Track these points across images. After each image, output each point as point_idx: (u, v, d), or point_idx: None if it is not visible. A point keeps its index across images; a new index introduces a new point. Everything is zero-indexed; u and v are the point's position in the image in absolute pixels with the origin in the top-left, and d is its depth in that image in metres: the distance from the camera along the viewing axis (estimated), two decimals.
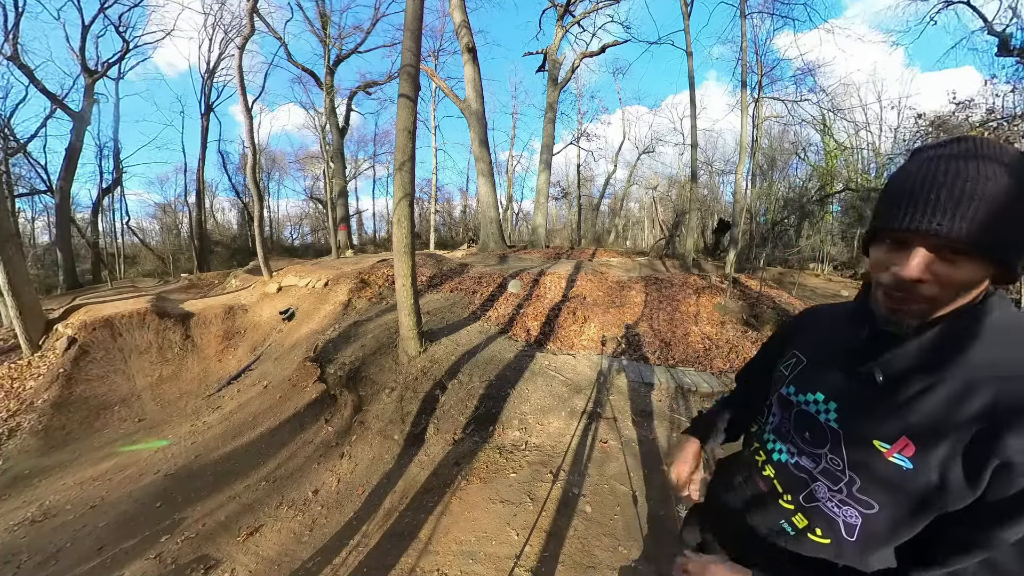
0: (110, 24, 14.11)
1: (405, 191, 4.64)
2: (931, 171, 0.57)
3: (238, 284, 9.81)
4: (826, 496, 0.69)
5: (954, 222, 0.53)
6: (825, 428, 0.71)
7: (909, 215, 0.56)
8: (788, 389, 0.81)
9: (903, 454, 0.60)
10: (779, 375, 0.87)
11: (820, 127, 13.99)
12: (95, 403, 5.43)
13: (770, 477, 0.79)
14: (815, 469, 0.71)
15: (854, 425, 0.67)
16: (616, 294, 6.83)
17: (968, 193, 0.53)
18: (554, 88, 12.70)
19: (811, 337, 0.85)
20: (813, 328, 0.88)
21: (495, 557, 2.36)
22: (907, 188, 0.58)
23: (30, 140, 13.78)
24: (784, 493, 0.76)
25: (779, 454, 0.79)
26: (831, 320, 0.85)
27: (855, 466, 0.65)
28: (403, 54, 4.62)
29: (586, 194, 25.75)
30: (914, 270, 0.56)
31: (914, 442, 0.59)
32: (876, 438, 0.63)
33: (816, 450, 0.72)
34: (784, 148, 16.74)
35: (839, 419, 0.69)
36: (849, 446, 0.66)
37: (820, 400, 0.73)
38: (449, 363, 4.59)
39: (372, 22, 16.65)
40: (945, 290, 0.57)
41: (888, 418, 0.62)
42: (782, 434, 0.80)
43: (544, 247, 12.05)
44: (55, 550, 2.89)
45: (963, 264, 0.55)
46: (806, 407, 0.75)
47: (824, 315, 0.89)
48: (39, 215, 19.21)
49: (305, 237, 28.61)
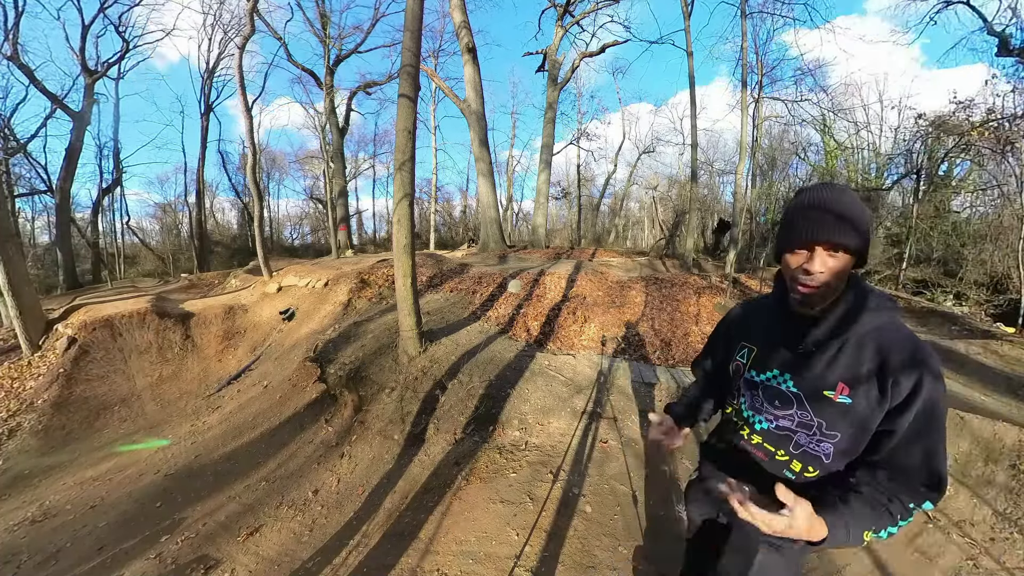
0: (110, 24, 14.10)
1: (405, 191, 4.64)
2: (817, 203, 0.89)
3: (238, 284, 9.81)
4: (807, 441, 0.98)
5: (837, 233, 0.86)
6: (788, 394, 1.00)
7: (811, 230, 0.88)
8: (751, 373, 1.09)
9: (843, 395, 0.91)
10: (738, 365, 1.14)
11: (820, 127, 13.99)
12: (95, 403, 5.43)
13: (760, 443, 1.06)
14: (793, 424, 0.99)
15: (807, 386, 0.96)
16: (616, 294, 6.83)
17: (841, 214, 0.86)
18: (554, 88, 12.69)
19: (752, 328, 1.14)
20: (751, 321, 1.17)
21: (495, 557, 2.35)
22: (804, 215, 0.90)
23: (30, 140, 13.76)
24: (777, 450, 1.03)
25: (760, 423, 1.06)
26: (762, 312, 1.15)
27: (819, 412, 0.95)
28: (403, 54, 4.62)
29: (586, 194, 25.74)
30: (818, 264, 0.88)
31: (847, 384, 0.91)
32: (824, 389, 0.93)
33: (788, 411, 1.00)
34: (784, 148, 16.72)
35: (795, 384, 0.98)
36: (809, 401, 0.96)
37: (777, 374, 1.02)
38: (449, 363, 4.59)
39: (372, 22, 16.65)
40: (833, 277, 0.89)
41: (826, 374, 0.93)
42: (757, 408, 1.07)
43: (544, 247, 12.05)
44: (55, 550, 2.89)
45: (841, 258, 0.88)
46: (769, 382, 1.04)
47: (753, 309, 1.21)
48: (39, 215, 19.19)
49: (305, 237, 28.59)
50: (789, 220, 0.92)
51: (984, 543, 2.35)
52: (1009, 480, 2.67)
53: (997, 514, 2.51)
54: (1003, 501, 2.57)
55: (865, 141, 15.22)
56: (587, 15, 13.53)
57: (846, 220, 0.86)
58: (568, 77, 13.24)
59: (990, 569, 2.20)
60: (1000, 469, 2.76)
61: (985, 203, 11.43)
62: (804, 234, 0.88)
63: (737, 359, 1.14)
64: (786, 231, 0.93)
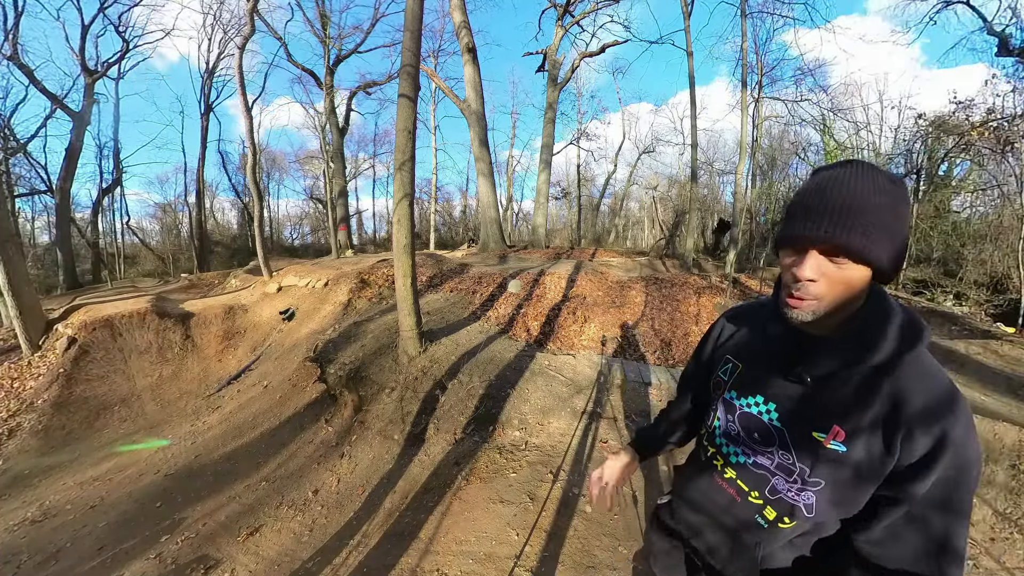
0: (110, 24, 14.11)
1: (405, 191, 4.64)
2: (821, 188, 0.66)
3: (238, 284, 9.81)
4: (785, 488, 0.78)
5: (838, 230, 0.63)
6: (770, 428, 0.79)
7: (803, 224, 0.66)
8: (730, 394, 0.88)
9: (837, 440, 0.71)
10: (718, 381, 0.93)
11: (820, 127, 13.99)
12: (95, 403, 5.43)
13: (733, 479, 0.86)
14: (771, 464, 0.79)
15: (794, 423, 0.76)
16: (616, 294, 6.83)
17: (849, 206, 0.63)
18: (554, 88, 12.69)
19: (741, 341, 0.93)
20: (741, 332, 0.95)
21: (495, 557, 2.35)
22: (803, 202, 0.68)
23: (30, 140, 13.78)
24: (751, 491, 0.83)
25: (736, 456, 0.86)
26: (756, 322, 0.92)
27: (803, 458, 0.75)
28: (403, 54, 4.62)
29: (586, 194, 25.74)
30: (807, 270, 0.66)
31: (843, 428, 0.70)
32: (814, 431, 0.73)
33: (767, 448, 0.80)
34: (784, 148, 16.74)
35: (780, 418, 0.78)
36: (794, 442, 0.76)
37: (760, 402, 0.82)
38: (449, 363, 4.59)
39: (372, 22, 16.66)
40: (832, 288, 0.66)
41: (820, 412, 0.73)
42: (732, 437, 0.87)
43: (544, 247, 12.04)
44: (55, 550, 2.89)
45: (847, 266, 0.65)
46: (748, 409, 0.83)
47: (747, 317, 0.97)
48: (39, 215, 19.17)
49: (305, 237, 28.59)
50: (789, 207, 0.71)
51: (984, 543, 2.35)
52: (1009, 480, 2.67)
53: (997, 514, 2.51)
54: (1003, 501, 2.58)
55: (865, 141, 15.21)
56: (587, 15, 13.53)
57: (857, 214, 0.62)
58: (568, 77, 13.24)
59: (990, 569, 2.20)
60: (1000, 469, 2.76)
61: (985, 203, 11.44)
62: (797, 227, 0.67)
63: (719, 374, 0.93)
64: (783, 221, 0.72)
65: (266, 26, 14.72)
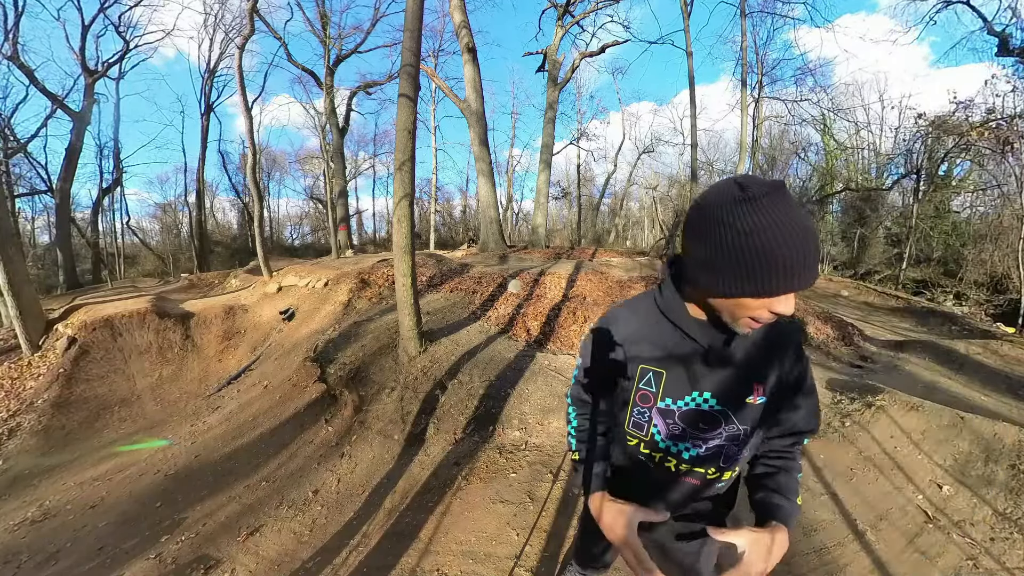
0: (110, 24, 14.12)
1: (405, 191, 4.64)
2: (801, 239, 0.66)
3: (238, 284, 9.81)
4: (734, 451, 0.95)
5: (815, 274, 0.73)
6: (713, 413, 0.92)
7: (799, 280, 0.68)
8: (665, 401, 0.93)
9: (760, 395, 0.91)
10: (645, 394, 0.95)
11: (820, 127, 13.99)
12: (95, 403, 5.43)
13: (691, 469, 0.97)
14: (722, 440, 0.94)
15: (731, 400, 0.91)
16: (617, 294, 6.82)
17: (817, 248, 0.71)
18: (554, 88, 12.69)
19: (652, 348, 0.94)
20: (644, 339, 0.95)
21: (495, 557, 2.35)
22: (787, 257, 0.66)
23: (30, 140, 13.76)
24: (707, 470, 0.97)
25: (687, 451, 0.96)
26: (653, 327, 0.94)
27: (744, 421, 0.92)
28: (403, 54, 4.62)
29: (586, 194, 25.77)
30: (792, 309, 0.72)
31: (761, 385, 0.90)
32: (746, 397, 0.90)
33: (716, 430, 0.93)
34: (784, 148, 16.74)
35: (719, 401, 0.91)
36: (736, 413, 0.92)
37: (697, 396, 0.92)
38: (449, 363, 4.59)
39: (372, 22, 16.67)
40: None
41: (745, 381, 0.90)
42: (678, 436, 0.95)
43: (544, 247, 12.04)
44: (55, 550, 2.89)
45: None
46: (687, 407, 0.92)
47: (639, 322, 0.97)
48: (39, 215, 19.22)
49: (305, 237, 28.61)
50: (771, 258, 0.66)
51: (984, 543, 2.35)
52: (1009, 480, 2.67)
53: (997, 514, 2.51)
54: (1003, 501, 2.57)
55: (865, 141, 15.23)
56: (587, 15, 13.53)
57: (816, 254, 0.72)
58: (568, 77, 13.23)
59: (990, 569, 2.20)
60: (1000, 469, 2.76)
61: (985, 203, 11.45)
62: (793, 284, 0.68)
63: (642, 387, 0.95)
64: (767, 272, 0.67)
65: (266, 26, 14.73)
